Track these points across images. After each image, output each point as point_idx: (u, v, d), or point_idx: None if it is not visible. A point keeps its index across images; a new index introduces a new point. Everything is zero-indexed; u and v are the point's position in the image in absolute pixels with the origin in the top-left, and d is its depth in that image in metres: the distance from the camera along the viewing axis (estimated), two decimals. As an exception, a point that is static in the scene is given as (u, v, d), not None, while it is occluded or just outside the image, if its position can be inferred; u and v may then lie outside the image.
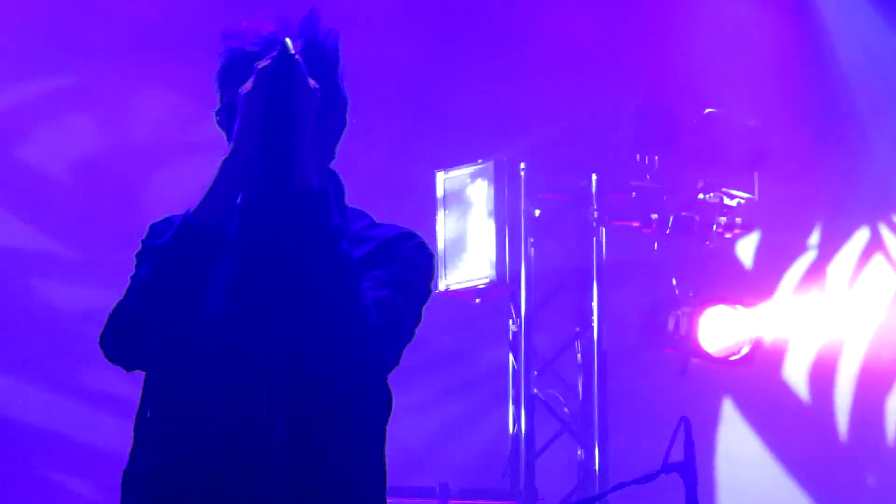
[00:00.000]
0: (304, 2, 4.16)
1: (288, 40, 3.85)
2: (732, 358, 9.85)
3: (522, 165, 9.92)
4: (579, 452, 9.81)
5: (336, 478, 3.93)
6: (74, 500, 10.22)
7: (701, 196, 9.98)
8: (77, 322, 10.22)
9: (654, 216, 9.98)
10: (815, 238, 11.00)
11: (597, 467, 9.70)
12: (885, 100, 10.64)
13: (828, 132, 10.75)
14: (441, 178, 9.91)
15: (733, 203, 10.00)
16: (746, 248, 10.80)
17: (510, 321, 9.94)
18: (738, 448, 10.69)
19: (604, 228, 10.08)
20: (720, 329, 9.79)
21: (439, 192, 9.93)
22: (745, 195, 9.99)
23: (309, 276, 3.84)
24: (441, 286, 9.65)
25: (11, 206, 10.51)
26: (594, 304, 10.01)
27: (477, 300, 9.89)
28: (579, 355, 10.01)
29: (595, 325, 9.98)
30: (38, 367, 10.43)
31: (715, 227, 10.03)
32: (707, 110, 9.85)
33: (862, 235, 10.97)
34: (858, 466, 10.81)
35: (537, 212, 9.91)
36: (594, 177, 9.98)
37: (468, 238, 9.75)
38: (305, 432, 3.87)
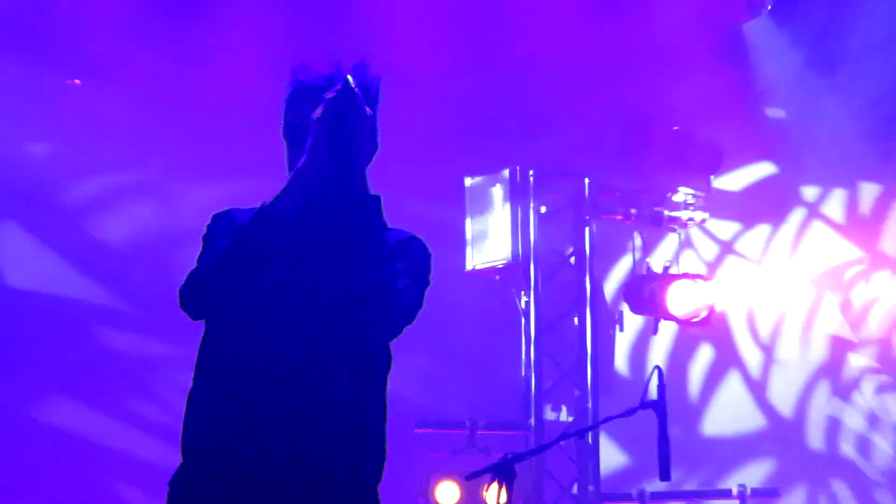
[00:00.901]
0: (352, 46, 4.65)
1: (350, 77, 4.04)
2: (693, 320, 9.99)
3: (531, 173, 10.13)
4: (576, 393, 10.10)
5: (358, 412, 4.10)
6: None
7: (669, 194, 10.25)
8: (128, 361, 10.50)
9: (633, 210, 10.29)
10: (757, 224, 11.23)
11: (589, 405, 9.95)
12: (798, 110, 10.90)
13: (760, 142, 11.00)
14: (468, 182, 10.15)
15: (693, 199, 10.25)
16: (704, 233, 11.02)
17: (522, 293, 10.23)
18: (695, 389, 10.88)
19: (594, 221, 10.40)
20: (684, 297, 9.88)
21: (467, 194, 10.14)
22: (702, 193, 10.25)
23: (362, 262, 4.07)
24: (469, 266, 10.04)
25: (84, 269, 10.68)
26: (587, 279, 10.29)
27: (497, 277, 10.19)
28: (576, 319, 10.24)
29: (588, 295, 10.24)
30: (98, 396, 10.46)
31: (680, 217, 10.29)
32: (675, 127, 10.19)
33: (795, 218, 11.24)
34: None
35: (543, 208, 10.23)
36: (587, 181, 10.30)
37: (490, 229, 10.00)
38: (338, 378, 4.07)
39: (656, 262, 10.42)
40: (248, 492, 3.98)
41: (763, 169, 10.65)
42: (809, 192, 11.11)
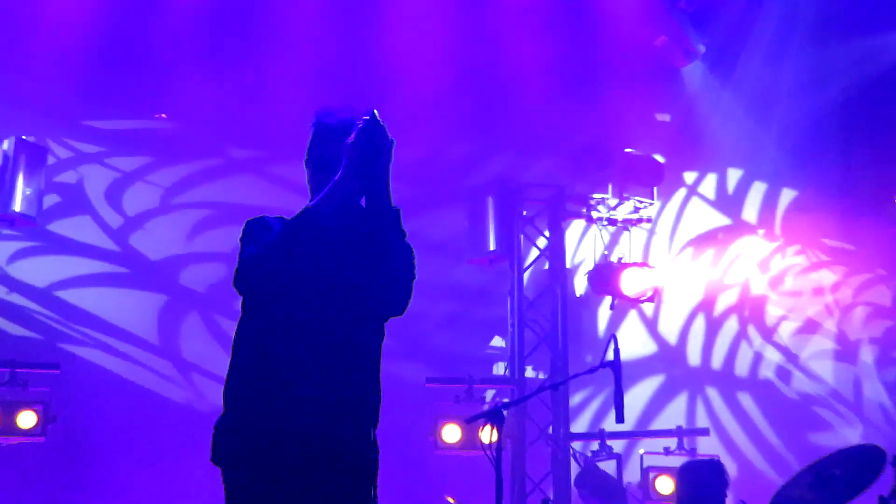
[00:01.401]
0: (365, 93, 4.64)
1: (375, 111, 4.02)
2: (642, 298, 9.95)
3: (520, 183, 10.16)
4: (551, 356, 9.99)
5: (362, 372, 4.10)
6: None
7: (624, 201, 10.13)
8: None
9: (595, 213, 10.25)
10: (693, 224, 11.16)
11: (560, 365, 9.84)
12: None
13: (689, 160, 11.05)
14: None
15: (642, 205, 10.15)
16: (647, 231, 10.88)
17: (511, 278, 10.04)
18: (639, 349, 10.80)
19: (565, 221, 10.38)
20: (634, 281, 9.82)
21: (468, 202, 10.00)
22: (649, 200, 10.14)
23: (385, 258, 4.06)
24: (468, 257, 9.88)
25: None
26: (565, 268, 10.29)
27: (489, 265, 10.02)
28: (559, 301, 10.20)
29: (560, 279, 10.16)
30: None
31: (630, 219, 10.26)
32: (627, 149, 10.08)
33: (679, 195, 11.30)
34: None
35: (525, 212, 10.15)
36: (562, 190, 10.25)
37: (486, 228, 9.81)
38: (349, 348, 4.08)
39: (614, 252, 10.40)
40: (277, 431, 3.95)
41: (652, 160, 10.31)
42: (689, 176, 11.25)
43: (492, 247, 9.98)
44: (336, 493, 3.98)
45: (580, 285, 10.52)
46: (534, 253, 10.41)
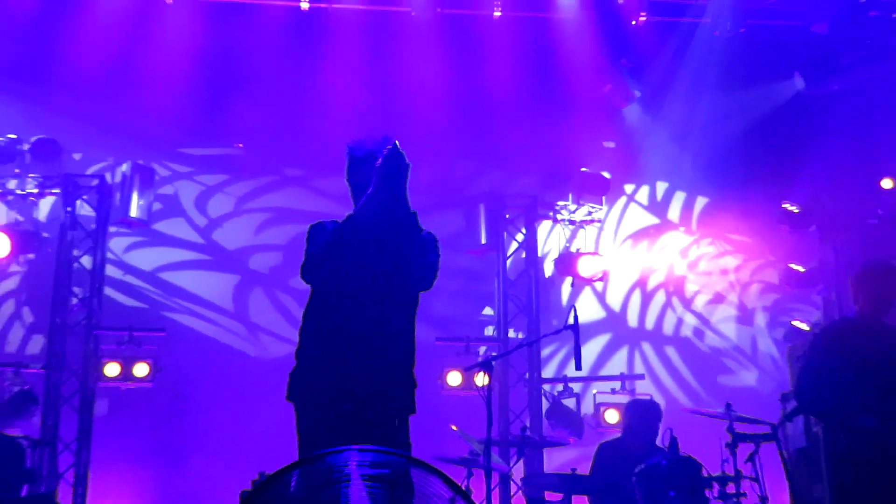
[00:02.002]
0: (386, 128, 4.68)
1: (397, 142, 4.11)
2: (594, 278, 9.97)
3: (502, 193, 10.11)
4: (527, 321, 9.93)
5: (402, 334, 4.17)
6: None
7: (580, 206, 10.15)
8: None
9: (559, 216, 10.28)
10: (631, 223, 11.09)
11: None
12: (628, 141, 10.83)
13: (628, 176, 10.91)
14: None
15: (595, 207, 10.14)
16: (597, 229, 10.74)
17: (497, 264, 10.07)
18: (592, 315, 10.62)
19: (537, 222, 10.29)
20: (588, 265, 9.87)
21: (465, 208, 10.05)
22: (598, 206, 10.14)
23: (410, 251, 4.14)
24: (466, 249, 9.95)
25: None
26: (538, 256, 10.18)
27: (482, 254, 10.06)
28: (532, 281, 10.09)
29: (534, 264, 10.12)
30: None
31: (585, 220, 10.24)
32: (583, 168, 10.07)
33: (621, 202, 11.12)
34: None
35: (507, 215, 10.09)
36: (535, 199, 10.19)
37: (480, 227, 9.91)
38: (392, 315, 4.15)
39: (573, 243, 10.38)
40: (337, 379, 4.00)
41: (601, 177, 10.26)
42: (628, 187, 11.05)
43: (483, 241, 10.00)
44: (387, 421, 4.04)
45: (548, 269, 10.43)
46: (514, 246, 10.34)
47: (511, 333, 9.99)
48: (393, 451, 2.99)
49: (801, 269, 10.43)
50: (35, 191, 9.57)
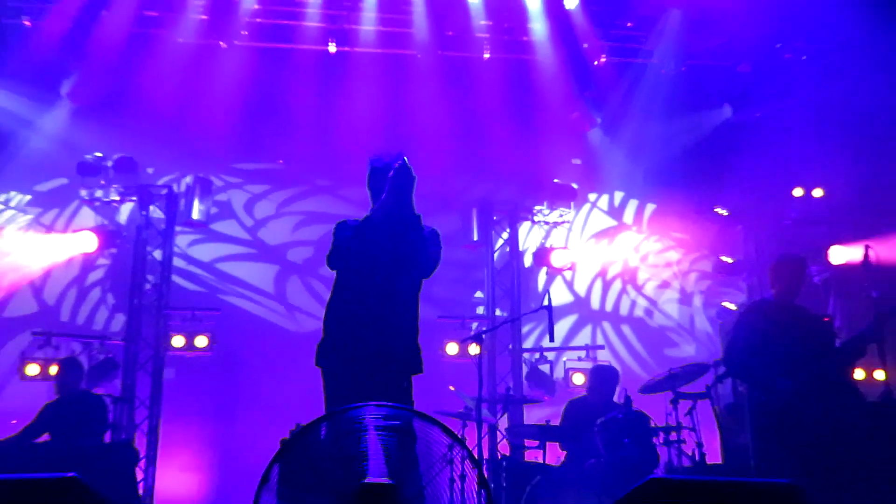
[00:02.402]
0: (397, 143, 4.73)
1: (406, 158, 4.12)
2: (564, 269, 9.93)
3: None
4: (510, 303, 9.92)
5: (409, 310, 4.15)
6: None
7: (553, 210, 10.09)
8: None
9: (536, 218, 10.20)
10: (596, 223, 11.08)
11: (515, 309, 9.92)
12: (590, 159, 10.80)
13: (591, 186, 10.90)
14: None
15: (565, 212, 10.05)
16: (567, 229, 10.69)
17: (486, 257, 10.09)
18: (563, 299, 10.57)
19: (518, 223, 10.31)
20: (560, 258, 9.74)
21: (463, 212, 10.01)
22: (568, 210, 10.05)
23: (416, 245, 4.13)
24: (463, 244, 9.89)
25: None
26: (519, 251, 10.20)
27: (474, 248, 10.01)
28: (515, 270, 10.09)
29: (516, 258, 10.19)
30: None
31: (558, 222, 10.16)
32: (555, 180, 10.02)
33: (585, 208, 11.05)
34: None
35: (495, 217, 10.10)
36: (517, 205, 10.20)
37: (473, 226, 9.89)
38: (401, 294, 4.13)
39: (547, 242, 10.39)
40: (355, 347, 3.98)
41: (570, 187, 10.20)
42: (591, 196, 10.97)
43: (475, 238, 9.96)
44: (399, 382, 4.00)
45: (528, 261, 10.36)
46: (500, 242, 10.29)
47: (498, 312, 9.96)
48: (402, 406, 3.03)
49: (729, 260, 10.41)
50: (117, 198, 9.59)
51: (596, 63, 9.85)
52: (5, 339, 9.31)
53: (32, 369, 8.60)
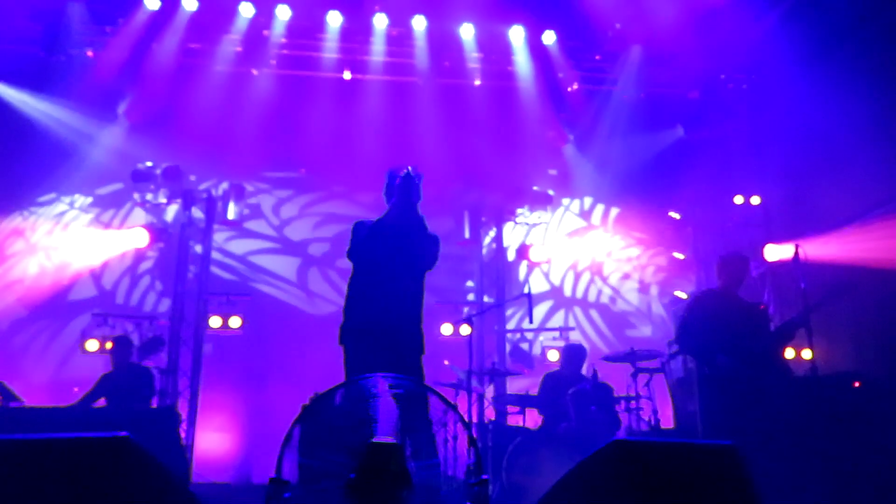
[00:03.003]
0: (403, 157, 4.69)
1: (410, 168, 4.11)
2: (542, 262, 9.97)
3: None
4: (496, 290, 9.91)
5: (416, 296, 4.12)
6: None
7: (533, 212, 10.06)
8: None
9: (519, 219, 10.16)
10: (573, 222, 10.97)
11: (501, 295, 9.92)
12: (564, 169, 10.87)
13: (565, 192, 10.72)
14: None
15: (542, 214, 10.04)
16: (544, 229, 10.68)
17: (476, 252, 10.07)
18: (540, 287, 10.53)
19: (504, 223, 10.27)
20: (538, 253, 9.75)
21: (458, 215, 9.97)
22: (545, 213, 10.03)
23: (420, 243, 4.11)
24: (455, 241, 9.82)
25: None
26: (503, 247, 10.17)
27: (467, 246, 9.94)
28: (500, 263, 10.07)
29: (501, 252, 10.18)
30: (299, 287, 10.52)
31: (538, 223, 10.18)
32: (534, 187, 10.05)
33: (560, 211, 10.97)
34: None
35: (483, 219, 10.10)
36: (502, 208, 10.16)
37: (464, 226, 9.86)
38: (410, 281, 4.10)
39: (527, 240, 10.32)
40: (374, 327, 3.93)
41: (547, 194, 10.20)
42: (565, 200, 10.81)
43: (467, 236, 9.90)
44: (405, 357, 3.93)
45: (511, 255, 10.35)
46: (488, 239, 10.27)
47: (486, 299, 9.95)
48: (405, 377, 2.99)
49: (681, 256, 10.41)
50: (164, 201, 9.54)
51: (569, 89, 9.87)
52: (69, 320, 9.32)
53: (92, 345, 8.61)
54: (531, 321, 6.42)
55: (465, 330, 8.09)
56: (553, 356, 9.34)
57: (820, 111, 8.14)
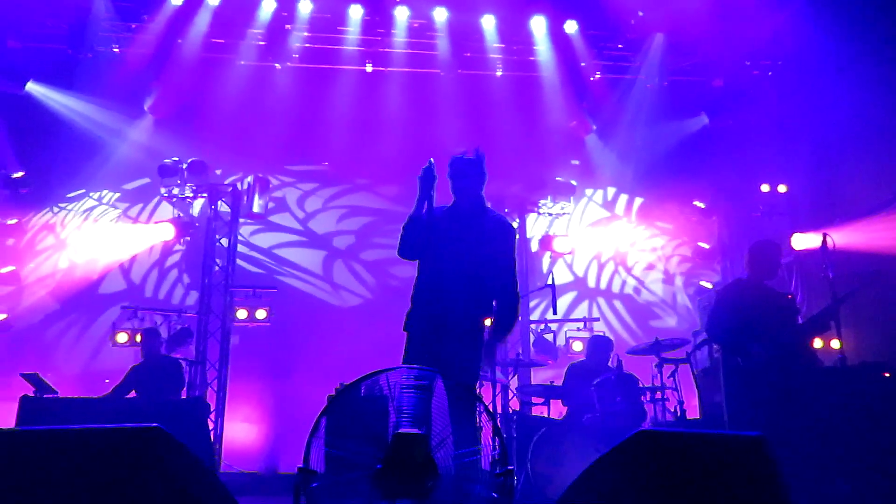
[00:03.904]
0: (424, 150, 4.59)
1: (431, 159, 3.96)
2: (565, 253, 9.78)
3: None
4: (519, 281, 10.00)
5: (481, 287, 3.92)
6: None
7: (556, 203, 9.98)
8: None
9: (542, 210, 10.02)
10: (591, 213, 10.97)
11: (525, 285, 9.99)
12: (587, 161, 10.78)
13: (588, 183, 10.86)
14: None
15: (565, 205, 9.96)
16: (567, 219, 10.60)
17: None
18: (564, 278, 10.42)
19: (526, 214, 10.13)
20: (562, 244, 9.72)
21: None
22: (568, 203, 9.96)
23: (483, 230, 3.99)
24: None
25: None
26: (527, 238, 10.01)
27: None
28: (524, 254, 10.18)
29: (525, 243, 9.99)
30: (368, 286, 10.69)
31: (561, 214, 10.07)
32: (557, 178, 9.89)
33: (583, 201, 10.92)
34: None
35: (506, 209, 9.73)
36: (525, 199, 10.01)
37: None
38: (473, 272, 3.89)
39: (550, 231, 10.21)
40: (437, 315, 3.86)
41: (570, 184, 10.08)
42: (588, 191, 10.76)
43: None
44: (467, 345, 3.86)
45: (534, 246, 10.30)
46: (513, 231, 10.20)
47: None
48: (428, 368, 2.96)
49: (706, 246, 10.30)
50: (190, 195, 9.59)
51: (592, 79, 9.87)
52: (99, 313, 9.44)
53: (122, 337, 8.71)
54: (555, 312, 6.41)
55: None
56: (577, 347, 9.30)
57: (847, 97, 8.03)
